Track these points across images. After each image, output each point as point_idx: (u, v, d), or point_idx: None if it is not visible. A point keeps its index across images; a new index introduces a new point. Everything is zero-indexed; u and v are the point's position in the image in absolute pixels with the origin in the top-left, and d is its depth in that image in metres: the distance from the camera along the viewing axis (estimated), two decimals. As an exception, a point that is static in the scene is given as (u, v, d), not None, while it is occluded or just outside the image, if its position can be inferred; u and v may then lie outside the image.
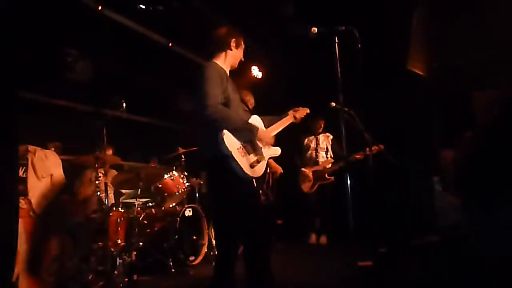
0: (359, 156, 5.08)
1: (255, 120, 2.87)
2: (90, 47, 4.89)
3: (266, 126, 2.93)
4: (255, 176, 2.62)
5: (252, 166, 2.59)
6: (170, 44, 5.44)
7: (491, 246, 2.02)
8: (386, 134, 4.28)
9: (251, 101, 4.34)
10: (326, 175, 5.60)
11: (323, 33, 2.92)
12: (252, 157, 2.63)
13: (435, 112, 2.94)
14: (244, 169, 2.50)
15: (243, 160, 2.53)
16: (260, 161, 2.65)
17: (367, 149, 4.83)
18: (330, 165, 5.68)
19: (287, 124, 3.05)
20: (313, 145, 5.92)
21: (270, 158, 2.92)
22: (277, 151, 2.92)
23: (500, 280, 1.93)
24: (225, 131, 2.48)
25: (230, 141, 2.49)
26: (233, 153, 2.47)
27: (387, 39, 4.70)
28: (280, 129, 3.00)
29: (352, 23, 2.93)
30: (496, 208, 2.04)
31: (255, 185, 2.76)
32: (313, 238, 5.66)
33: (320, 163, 5.76)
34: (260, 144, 2.74)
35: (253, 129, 2.63)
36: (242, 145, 2.57)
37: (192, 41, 5.45)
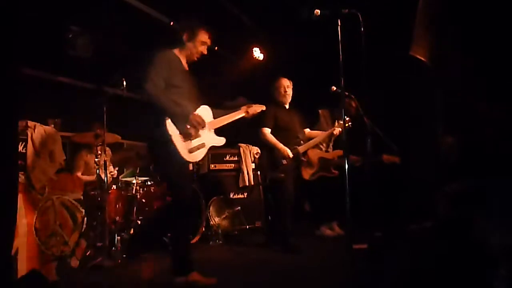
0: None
1: (205, 110, 3.11)
2: (91, 24, 4.84)
3: (216, 118, 3.18)
4: (192, 160, 3.01)
5: (191, 151, 2.90)
6: (172, 23, 5.38)
7: (486, 225, 2.05)
8: (386, 119, 4.26)
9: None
10: (332, 169, 4.82)
11: (326, 15, 2.90)
12: (193, 143, 2.92)
13: (437, 98, 2.92)
14: (181, 153, 2.83)
15: (182, 145, 2.85)
16: (200, 148, 2.99)
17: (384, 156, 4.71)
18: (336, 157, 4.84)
19: (236, 118, 3.30)
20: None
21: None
22: (221, 141, 3.21)
23: (495, 263, 1.95)
24: (168, 118, 2.79)
25: (171, 127, 2.81)
26: (172, 138, 2.79)
27: (391, 23, 4.64)
28: (227, 121, 3.24)
29: (356, 6, 2.89)
30: (492, 183, 2.07)
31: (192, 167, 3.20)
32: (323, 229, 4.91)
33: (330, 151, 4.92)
34: (202, 132, 2.98)
35: (185, 113, 2.85)
36: (184, 132, 2.85)
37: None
